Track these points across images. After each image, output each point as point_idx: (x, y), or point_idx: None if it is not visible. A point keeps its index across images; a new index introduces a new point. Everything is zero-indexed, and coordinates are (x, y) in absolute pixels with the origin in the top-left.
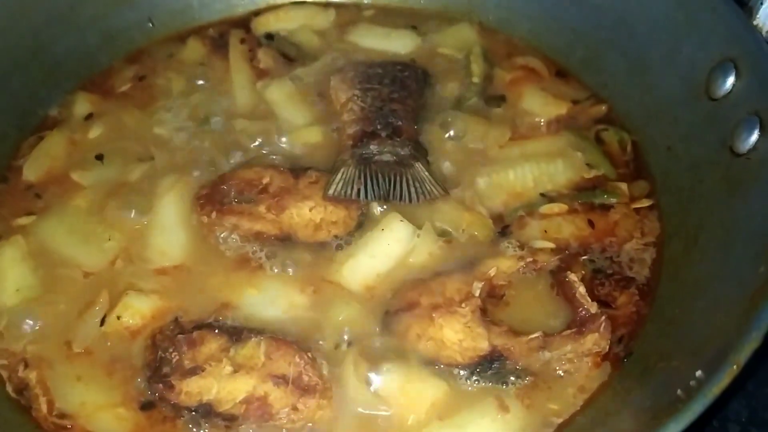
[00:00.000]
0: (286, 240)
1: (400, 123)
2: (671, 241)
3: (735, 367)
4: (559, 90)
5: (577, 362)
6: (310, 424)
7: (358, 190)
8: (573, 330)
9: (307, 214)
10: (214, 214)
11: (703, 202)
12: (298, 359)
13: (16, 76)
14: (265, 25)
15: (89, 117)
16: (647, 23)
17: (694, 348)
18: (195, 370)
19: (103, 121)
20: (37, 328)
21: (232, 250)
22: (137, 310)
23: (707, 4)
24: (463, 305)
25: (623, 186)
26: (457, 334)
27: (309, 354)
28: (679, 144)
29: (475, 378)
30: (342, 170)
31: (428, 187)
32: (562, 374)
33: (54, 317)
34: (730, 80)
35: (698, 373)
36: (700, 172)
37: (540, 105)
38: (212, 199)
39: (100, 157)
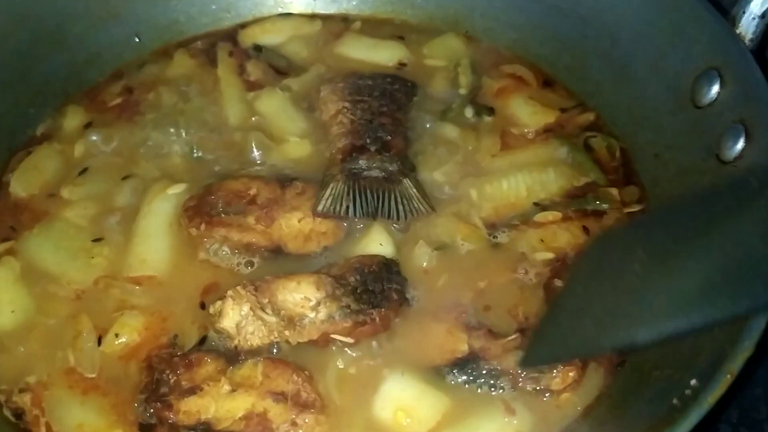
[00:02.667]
0: (276, 251)
1: (389, 138)
2: None
3: (729, 376)
4: (547, 98)
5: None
6: None
7: (347, 207)
8: None
9: (296, 225)
10: (203, 226)
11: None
12: (295, 377)
13: (2, 96)
14: (252, 37)
15: (88, 126)
16: (632, 32)
17: (688, 356)
18: (193, 390)
19: (93, 134)
20: (32, 350)
21: (223, 262)
22: (134, 327)
23: (691, 13)
24: (449, 313)
25: (614, 191)
26: (439, 339)
27: (306, 372)
28: (667, 152)
29: (450, 378)
30: (331, 186)
31: (416, 205)
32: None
33: (49, 339)
34: (715, 88)
35: (693, 381)
36: (688, 180)
37: (528, 114)
38: (200, 210)
39: (84, 172)
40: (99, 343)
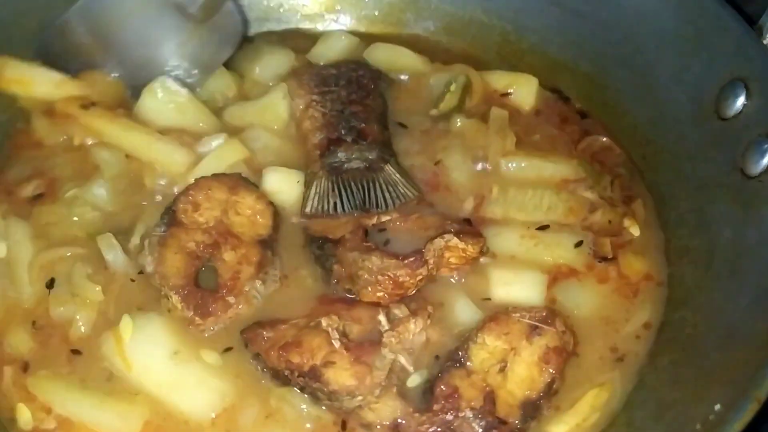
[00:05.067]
0: None
1: (363, 125)
2: (680, 263)
3: (756, 402)
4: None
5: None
6: None
7: (334, 203)
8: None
9: None
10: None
11: (714, 225)
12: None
13: None
14: None
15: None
16: (654, 40)
17: (711, 379)
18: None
19: None
20: None
21: None
22: None
23: (717, 23)
24: None
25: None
26: None
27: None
28: (687, 163)
29: None
30: (315, 184)
31: (402, 190)
32: None
33: None
34: (741, 100)
35: (717, 407)
36: (709, 193)
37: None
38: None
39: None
40: None
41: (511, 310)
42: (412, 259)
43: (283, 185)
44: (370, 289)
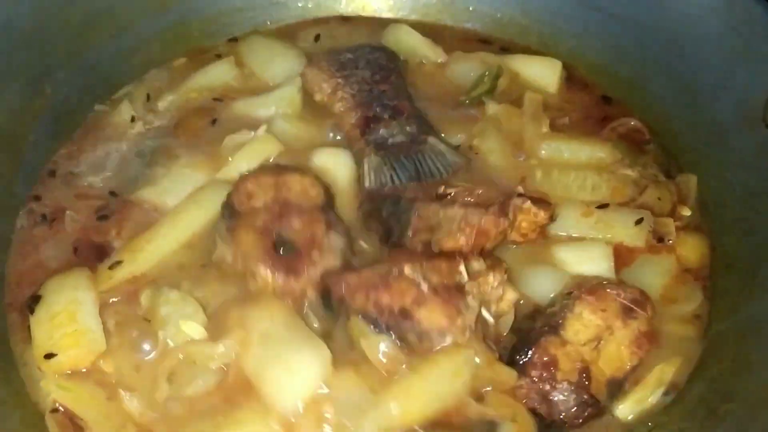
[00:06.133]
0: None
1: (395, 102)
2: (727, 272)
3: None
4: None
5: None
6: None
7: (391, 175)
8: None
9: None
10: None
11: (760, 235)
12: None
13: (50, 78)
14: None
15: None
16: (698, 46)
17: (761, 390)
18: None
19: None
20: None
21: None
22: None
23: (764, 31)
24: None
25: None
26: None
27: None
28: (732, 171)
29: None
30: (366, 161)
31: (450, 159)
32: None
33: None
34: None
35: None
36: (756, 204)
37: None
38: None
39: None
40: None
41: (606, 285)
42: (496, 206)
43: (333, 163)
44: (451, 235)
